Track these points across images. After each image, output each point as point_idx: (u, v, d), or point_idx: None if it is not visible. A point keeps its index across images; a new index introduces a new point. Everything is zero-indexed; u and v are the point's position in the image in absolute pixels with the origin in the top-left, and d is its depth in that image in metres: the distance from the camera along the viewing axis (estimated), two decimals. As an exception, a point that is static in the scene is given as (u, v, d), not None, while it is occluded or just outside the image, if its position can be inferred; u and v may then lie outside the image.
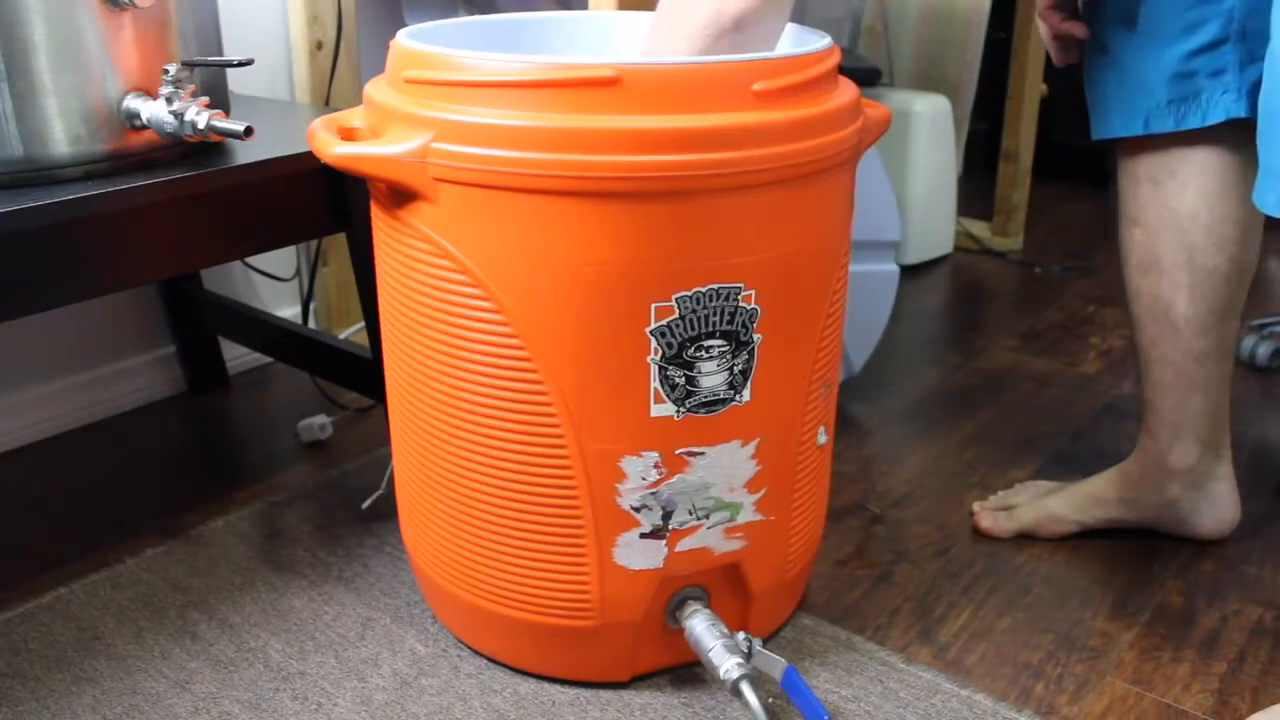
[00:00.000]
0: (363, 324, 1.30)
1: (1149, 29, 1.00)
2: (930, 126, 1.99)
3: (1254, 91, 0.97)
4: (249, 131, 0.92)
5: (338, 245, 1.59)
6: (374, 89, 0.88)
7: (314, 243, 1.58)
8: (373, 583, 1.09)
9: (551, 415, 0.84)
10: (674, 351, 0.82)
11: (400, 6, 1.63)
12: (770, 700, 0.92)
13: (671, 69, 0.77)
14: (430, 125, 0.80)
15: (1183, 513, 1.15)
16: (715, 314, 0.82)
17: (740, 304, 0.83)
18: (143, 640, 1.01)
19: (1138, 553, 1.16)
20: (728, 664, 0.86)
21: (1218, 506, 1.14)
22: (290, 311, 1.62)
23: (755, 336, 0.85)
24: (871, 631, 1.04)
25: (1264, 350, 1.62)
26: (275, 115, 1.21)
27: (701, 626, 0.89)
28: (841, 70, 0.91)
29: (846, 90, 0.88)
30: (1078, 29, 1.05)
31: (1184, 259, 1.04)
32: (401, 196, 0.84)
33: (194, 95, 0.96)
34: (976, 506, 1.22)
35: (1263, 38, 0.84)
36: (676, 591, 0.92)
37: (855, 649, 1.00)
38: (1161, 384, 1.10)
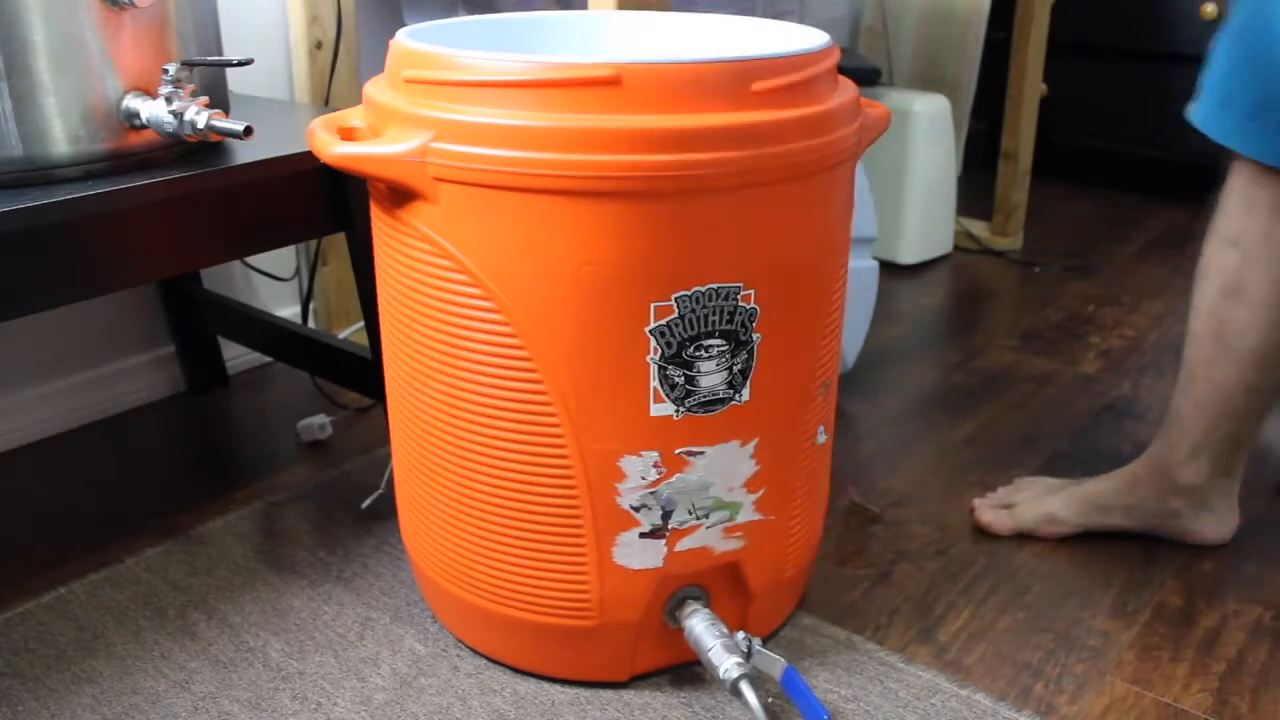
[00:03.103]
0: (362, 324, 1.30)
1: None
2: (930, 126, 1.99)
3: None
4: (248, 131, 0.92)
5: (338, 245, 1.59)
6: (373, 89, 0.88)
7: (314, 243, 1.58)
8: (372, 582, 1.09)
9: (551, 415, 0.84)
10: (673, 351, 0.82)
11: (400, 6, 1.63)
12: (770, 700, 0.92)
13: (671, 69, 0.77)
14: (430, 125, 0.80)
15: (1183, 523, 1.15)
16: (714, 313, 0.82)
17: (739, 303, 0.83)
18: (142, 640, 1.01)
19: (1138, 553, 1.16)
20: (727, 663, 0.86)
21: (1218, 517, 1.15)
22: (290, 311, 1.62)
23: (754, 336, 0.85)
24: (871, 631, 1.04)
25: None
26: (275, 115, 1.21)
27: (701, 626, 0.89)
28: (841, 70, 0.91)
29: (846, 90, 0.88)
30: None
31: (1275, 294, 1.00)
32: (401, 196, 0.84)
33: (193, 95, 0.96)
34: (976, 502, 1.22)
35: None
36: (676, 591, 0.92)
37: (855, 649, 1.00)
38: (1203, 403, 1.08)
